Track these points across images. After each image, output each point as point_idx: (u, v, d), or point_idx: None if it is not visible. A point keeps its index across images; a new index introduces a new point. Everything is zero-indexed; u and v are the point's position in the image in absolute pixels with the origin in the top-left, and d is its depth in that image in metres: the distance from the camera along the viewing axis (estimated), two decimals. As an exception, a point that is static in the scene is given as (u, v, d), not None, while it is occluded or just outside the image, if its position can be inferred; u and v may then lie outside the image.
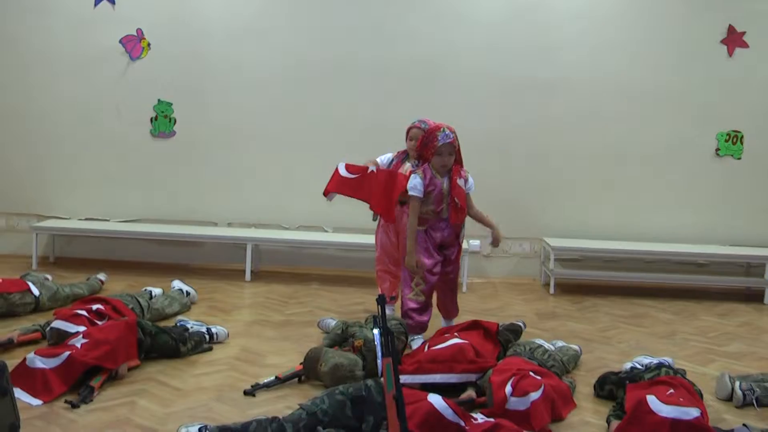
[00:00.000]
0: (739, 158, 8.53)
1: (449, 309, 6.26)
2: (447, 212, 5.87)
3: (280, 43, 8.32)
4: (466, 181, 5.92)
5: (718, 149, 8.52)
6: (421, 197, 5.81)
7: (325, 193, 6.34)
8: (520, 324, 6.09)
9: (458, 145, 5.84)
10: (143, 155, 8.45)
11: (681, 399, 4.32)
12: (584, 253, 8.35)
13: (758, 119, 8.48)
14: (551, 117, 8.40)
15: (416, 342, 5.78)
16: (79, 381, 4.76)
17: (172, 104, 8.41)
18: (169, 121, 8.42)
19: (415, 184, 5.81)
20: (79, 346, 4.90)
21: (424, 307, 5.96)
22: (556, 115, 8.40)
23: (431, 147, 5.78)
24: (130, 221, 8.45)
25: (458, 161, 5.90)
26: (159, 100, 8.41)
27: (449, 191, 5.83)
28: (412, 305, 5.92)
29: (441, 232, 5.91)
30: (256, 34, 8.33)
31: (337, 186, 6.31)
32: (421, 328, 5.96)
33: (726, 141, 8.51)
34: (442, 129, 5.76)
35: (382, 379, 3.76)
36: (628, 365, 5.38)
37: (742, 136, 8.50)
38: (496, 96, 8.29)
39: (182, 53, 8.35)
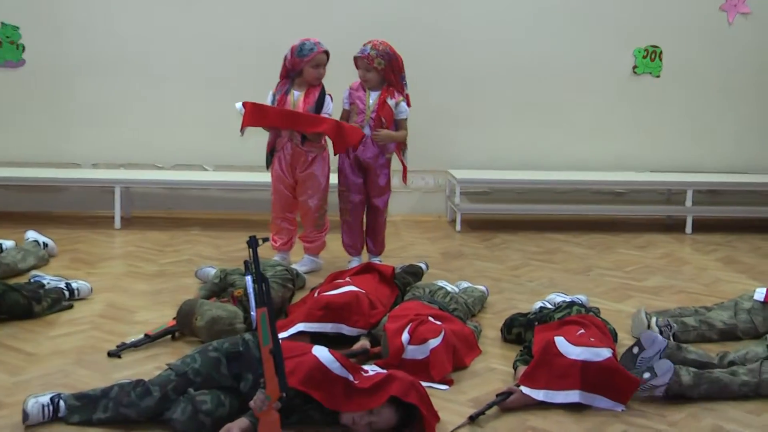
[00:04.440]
0: (658, 76, 8.64)
1: (374, 242, 6.65)
2: (368, 127, 6.28)
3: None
4: (397, 104, 6.27)
5: (635, 67, 8.60)
6: (347, 108, 6.43)
7: (242, 128, 6.28)
8: (421, 265, 6.08)
9: (386, 67, 6.22)
10: (-16, 89, 8.13)
11: (592, 339, 4.36)
12: (493, 185, 8.39)
13: (677, 32, 8.58)
14: (456, 30, 8.34)
15: (352, 263, 6.42)
16: None
17: (18, 28, 8.07)
18: (17, 48, 8.08)
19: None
20: None
21: (349, 229, 6.58)
22: (462, 29, 8.34)
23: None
24: (-25, 165, 8.13)
25: (392, 84, 6.31)
26: (2, 24, 8.04)
27: (375, 107, 6.20)
28: (343, 227, 6.60)
29: (362, 146, 6.30)
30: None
31: (257, 118, 6.20)
32: (353, 248, 6.63)
33: (644, 58, 8.60)
34: (364, 45, 6.27)
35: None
36: (537, 304, 5.42)
37: (660, 52, 8.60)
38: None
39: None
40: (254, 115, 6.17)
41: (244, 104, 6.17)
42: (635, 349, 4.40)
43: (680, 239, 8.01)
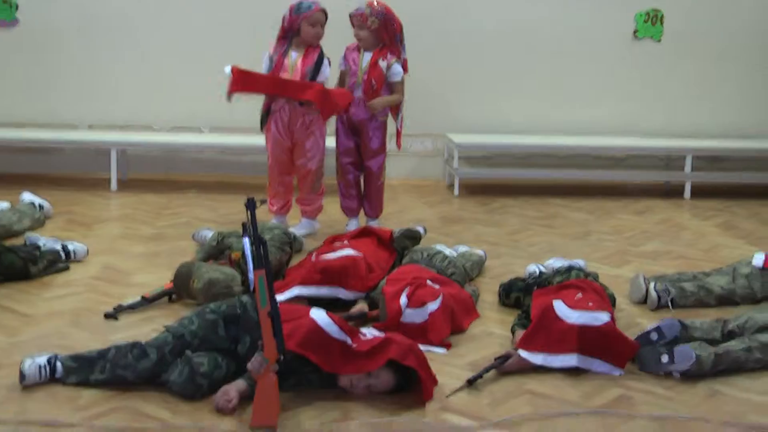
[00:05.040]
0: (659, 40, 8.59)
1: (370, 205, 6.65)
2: (360, 89, 6.27)
3: None
4: (389, 66, 6.25)
5: (636, 31, 8.55)
6: (343, 69, 6.44)
7: (229, 94, 6.22)
8: (419, 229, 6.08)
9: (380, 26, 6.23)
10: (-21, 48, 8.08)
11: (590, 303, 4.37)
12: (492, 149, 8.36)
13: (679, -5, 8.55)
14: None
15: (349, 226, 6.50)
16: None
17: (12, -15, 8.04)
18: (10, 7, 8.02)
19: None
20: None
21: (345, 190, 6.61)
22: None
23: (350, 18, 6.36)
24: (-32, 126, 8.10)
25: (387, 45, 6.30)
26: (-4, -18, 8.01)
27: (367, 69, 6.21)
28: (339, 188, 6.66)
29: (355, 107, 6.33)
30: None
31: (243, 84, 6.18)
32: (350, 210, 6.65)
33: (645, 22, 8.55)
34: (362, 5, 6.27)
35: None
36: (531, 267, 5.42)
37: (662, 16, 8.54)
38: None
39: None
40: (241, 81, 6.15)
41: (231, 69, 6.15)
42: (653, 336, 4.33)
43: (679, 205, 8.01)
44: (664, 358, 4.18)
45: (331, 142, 6.58)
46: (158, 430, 3.55)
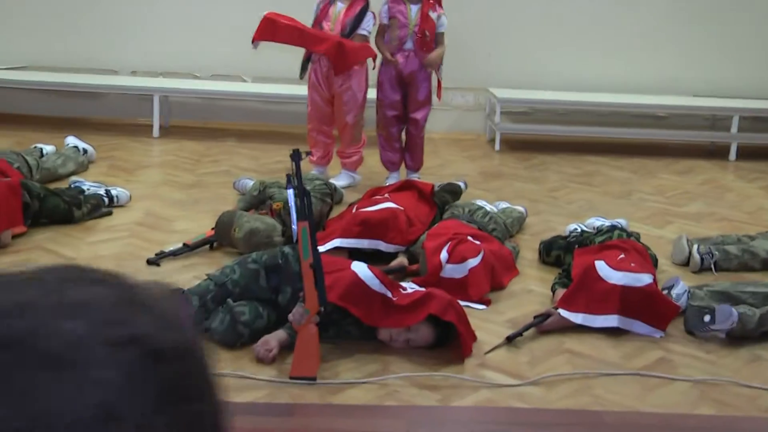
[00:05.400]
0: (706, -4, 8.46)
1: (412, 158, 6.63)
2: (411, 41, 6.24)
3: None
4: (439, 17, 6.28)
5: (683, -14, 8.43)
6: (385, 23, 6.33)
7: (253, 41, 6.24)
8: (460, 184, 6.06)
9: None
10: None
11: (632, 264, 4.35)
12: (534, 105, 8.28)
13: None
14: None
15: (389, 179, 6.39)
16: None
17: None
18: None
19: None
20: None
21: (386, 144, 6.52)
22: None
23: None
24: (14, 68, 8.09)
25: None
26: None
27: (417, 21, 6.17)
28: (380, 141, 6.57)
29: (404, 60, 6.30)
30: None
31: (269, 33, 6.19)
32: (390, 164, 6.57)
33: (692, -28, 8.41)
34: None
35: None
36: (571, 227, 5.38)
37: (711, -35, 8.41)
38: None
39: None
40: (266, 29, 6.16)
41: (265, 15, 6.17)
42: (707, 318, 4.20)
43: (723, 166, 7.90)
44: (707, 318, 4.14)
45: (371, 94, 6.54)
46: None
